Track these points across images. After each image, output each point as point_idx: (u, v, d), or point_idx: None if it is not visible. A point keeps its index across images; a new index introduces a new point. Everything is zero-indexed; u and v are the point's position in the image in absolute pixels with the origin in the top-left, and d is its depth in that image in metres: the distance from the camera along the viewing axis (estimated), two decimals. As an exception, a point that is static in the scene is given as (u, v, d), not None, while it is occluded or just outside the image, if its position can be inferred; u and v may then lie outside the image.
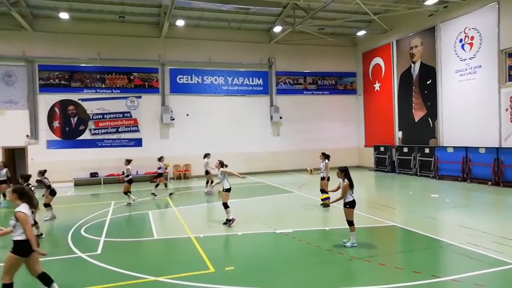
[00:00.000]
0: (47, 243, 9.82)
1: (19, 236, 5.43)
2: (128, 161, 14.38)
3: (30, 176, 10.01)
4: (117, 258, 7.74)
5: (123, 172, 15.06)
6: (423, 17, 19.58)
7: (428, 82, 19.62)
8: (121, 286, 6.35)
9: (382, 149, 22.44)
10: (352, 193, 8.07)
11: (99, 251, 8.23)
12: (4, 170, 14.76)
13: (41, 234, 9.49)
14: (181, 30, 21.52)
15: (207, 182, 16.22)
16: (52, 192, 11.64)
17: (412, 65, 20.72)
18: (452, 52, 18.15)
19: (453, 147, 17.75)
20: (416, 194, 14.99)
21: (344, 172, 8.08)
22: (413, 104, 20.75)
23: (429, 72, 19.56)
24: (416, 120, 20.60)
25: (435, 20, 19.03)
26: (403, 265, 6.99)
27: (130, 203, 13.94)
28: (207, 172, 16.08)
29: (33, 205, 5.75)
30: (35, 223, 8.99)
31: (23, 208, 5.51)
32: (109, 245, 8.68)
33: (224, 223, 10.15)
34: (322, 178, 12.39)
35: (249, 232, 9.50)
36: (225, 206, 10.08)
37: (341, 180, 8.12)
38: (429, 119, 19.67)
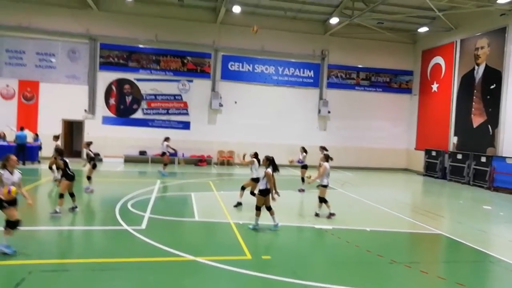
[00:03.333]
0: (96, 214, 10.46)
1: None
2: (88, 144, 12.73)
3: (62, 150, 10.02)
4: (159, 234, 8.04)
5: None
6: (493, 17, 18.23)
7: (492, 87, 18.34)
8: (161, 261, 6.61)
9: (434, 153, 21.40)
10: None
11: (143, 226, 8.59)
12: (165, 144, 16.66)
13: (76, 207, 9.60)
14: (237, 17, 21.61)
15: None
16: (93, 165, 12.08)
17: (476, 67, 19.44)
18: (523, 56, 16.82)
19: (513, 158, 16.57)
20: (467, 204, 14.20)
21: (269, 161, 8.83)
22: (473, 109, 19.52)
23: (494, 76, 18.26)
24: (474, 126, 19.39)
25: (507, 21, 17.64)
26: (447, 275, 6.68)
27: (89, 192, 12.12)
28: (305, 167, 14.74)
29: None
30: (72, 195, 9.44)
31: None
32: (153, 222, 9.04)
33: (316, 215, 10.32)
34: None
35: (288, 224, 9.48)
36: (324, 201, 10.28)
37: (265, 167, 8.79)
38: (489, 126, 18.44)
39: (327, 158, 10.39)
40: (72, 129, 22.25)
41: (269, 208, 8.80)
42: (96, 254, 6.88)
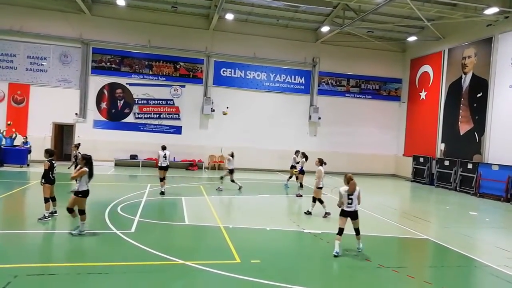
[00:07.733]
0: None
1: None
2: (77, 146, 12.56)
3: (54, 152, 9.54)
4: (149, 238, 8.07)
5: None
6: (480, 27, 18.68)
7: (479, 95, 18.74)
8: (150, 265, 6.64)
9: (421, 160, 21.72)
10: (88, 182, 8.21)
11: (132, 230, 8.61)
12: (294, 157, 16.39)
13: (56, 212, 9.37)
14: (229, 24, 21.81)
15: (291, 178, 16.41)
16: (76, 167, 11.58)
17: (463, 76, 19.85)
18: (508, 66, 17.22)
19: (498, 165, 16.88)
20: (453, 210, 14.43)
21: (86, 160, 8.30)
22: (460, 117, 19.89)
23: (480, 85, 18.67)
24: (461, 134, 19.75)
25: (493, 31, 18.09)
26: (433, 280, 6.80)
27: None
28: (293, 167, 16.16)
29: None
30: (54, 199, 9.26)
31: None
32: (143, 225, 9.05)
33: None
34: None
35: (277, 228, 9.58)
36: (320, 201, 11.12)
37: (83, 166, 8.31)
38: (476, 133, 18.81)
39: (321, 162, 11.21)
40: (63, 132, 22.13)
41: (82, 212, 8.15)
42: (84, 257, 6.88)
